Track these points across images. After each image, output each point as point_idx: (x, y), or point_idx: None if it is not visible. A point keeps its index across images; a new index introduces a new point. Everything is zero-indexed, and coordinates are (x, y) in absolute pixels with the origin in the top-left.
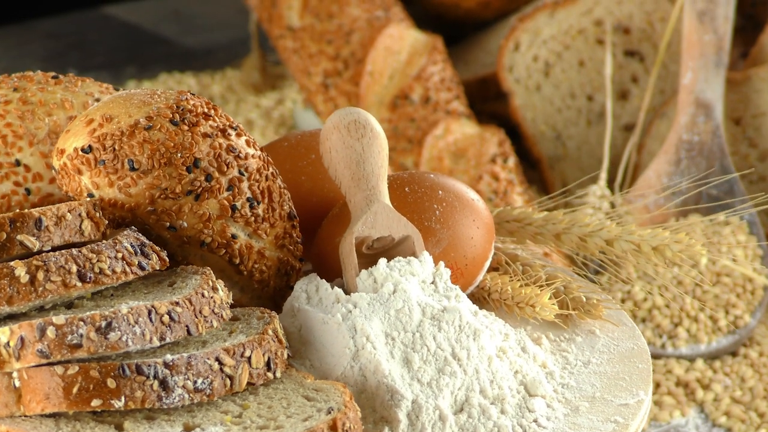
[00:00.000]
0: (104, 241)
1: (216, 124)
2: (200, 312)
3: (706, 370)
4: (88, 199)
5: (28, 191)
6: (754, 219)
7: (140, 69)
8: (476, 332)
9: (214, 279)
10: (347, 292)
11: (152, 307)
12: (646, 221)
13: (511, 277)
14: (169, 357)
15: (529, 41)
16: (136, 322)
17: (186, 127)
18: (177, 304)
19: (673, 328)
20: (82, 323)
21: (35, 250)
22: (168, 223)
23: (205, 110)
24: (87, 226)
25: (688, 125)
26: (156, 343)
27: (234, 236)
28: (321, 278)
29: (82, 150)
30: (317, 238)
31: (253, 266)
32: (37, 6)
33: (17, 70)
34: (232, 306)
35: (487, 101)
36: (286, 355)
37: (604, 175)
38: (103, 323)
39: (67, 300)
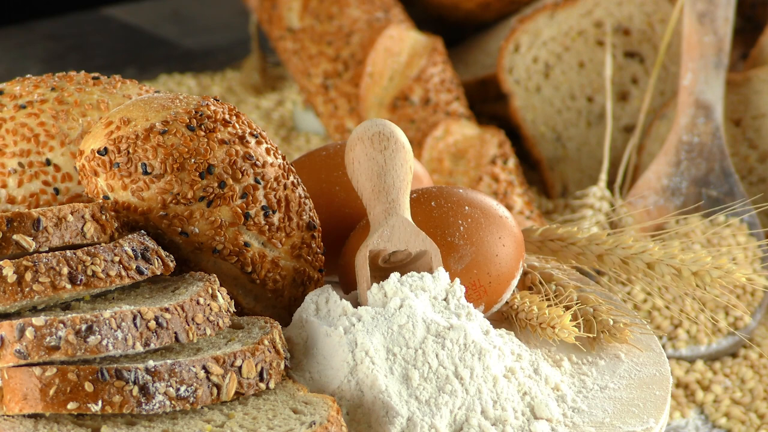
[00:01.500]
0: (103, 244)
1: (235, 131)
2: (192, 319)
3: (706, 372)
4: (101, 201)
5: (57, 191)
6: (754, 220)
7: (140, 70)
8: (482, 351)
9: (216, 286)
10: (359, 305)
11: (138, 312)
12: (646, 222)
13: (541, 297)
14: (151, 363)
15: (529, 43)
16: (119, 327)
17: (202, 133)
18: (166, 310)
19: (673, 329)
20: (61, 325)
21: (31, 250)
22: (180, 228)
23: (226, 117)
24: (90, 228)
25: (688, 126)
26: (140, 348)
27: (247, 244)
28: (344, 289)
29: (98, 152)
30: (344, 249)
31: (267, 275)
32: (38, 7)
33: (18, 71)
34: (240, 314)
35: (487, 102)
36: (283, 366)
37: (604, 177)
38: (84, 326)
39: (64, 301)
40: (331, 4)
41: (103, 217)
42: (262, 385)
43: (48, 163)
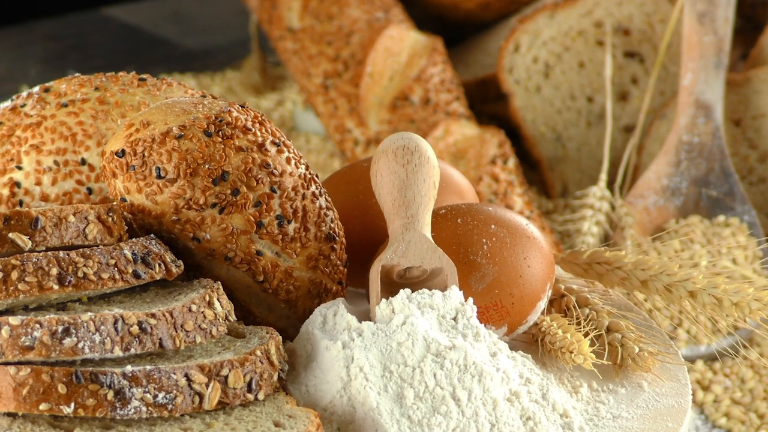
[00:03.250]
0: (101, 247)
1: (254, 139)
2: (182, 326)
3: (706, 372)
4: (119, 202)
5: (90, 191)
6: (754, 220)
7: (140, 70)
8: (482, 373)
9: (215, 294)
10: (365, 320)
11: (120, 316)
12: (646, 223)
13: (570, 321)
14: (129, 368)
15: (529, 43)
16: (97, 330)
17: (219, 139)
18: (153, 315)
19: (672, 329)
20: (37, 326)
21: (26, 249)
22: (192, 234)
23: (247, 124)
24: (93, 230)
25: (688, 126)
26: (119, 353)
27: (259, 253)
28: (370, 303)
29: (116, 154)
30: (371, 262)
31: (279, 285)
32: (37, 7)
33: (17, 71)
34: (253, 323)
35: (487, 102)
36: (276, 378)
37: (604, 177)
38: (60, 328)
39: (60, 301)
40: (331, 4)
41: (110, 219)
42: (250, 396)
43: (83, 162)
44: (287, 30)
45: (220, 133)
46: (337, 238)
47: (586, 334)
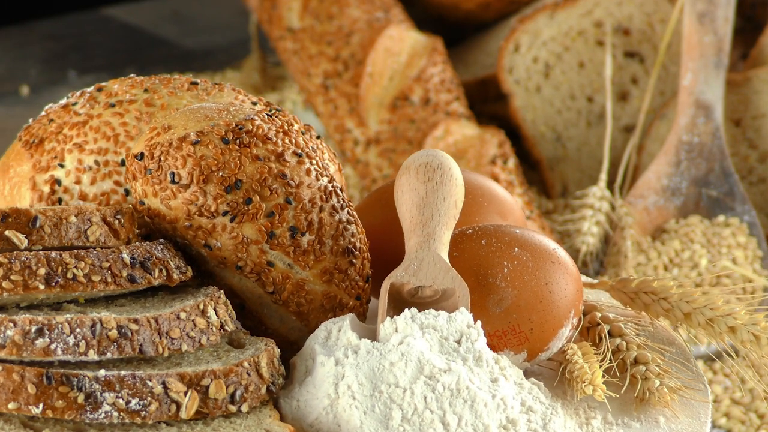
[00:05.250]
0: (98, 249)
1: (274, 149)
2: (167, 333)
3: (706, 372)
4: (126, 205)
5: (128, 192)
6: (754, 221)
7: (140, 70)
8: (475, 399)
9: (210, 303)
10: (374, 338)
11: (98, 320)
12: (646, 223)
13: (596, 350)
14: (102, 372)
15: (529, 43)
16: (72, 332)
17: (236, 147)
18: (135, 321)
19: (672, 329)
20: (11, 325)
21: (22, 247)
22: (203, 241)
23: (269, 134)
24: (95, 231)
25: (688, 126)
26: (93, 356)
27: (270, 263)
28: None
29: (136, 156)
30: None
31: (289, 297)
32: (37, 7)
33: (17, 71)
34: (264, 335)
35: (487, 102)
36: (264, 391)
37: (604, 177)
38: (33, 328)
39: (56, 301)
40: (331, 4)
41: (116, 222)
42: (232, 408)
43: (123, 163)
44: (287, 30)
45: (237, 141)
46: (356, 252)
47: (608, 366)
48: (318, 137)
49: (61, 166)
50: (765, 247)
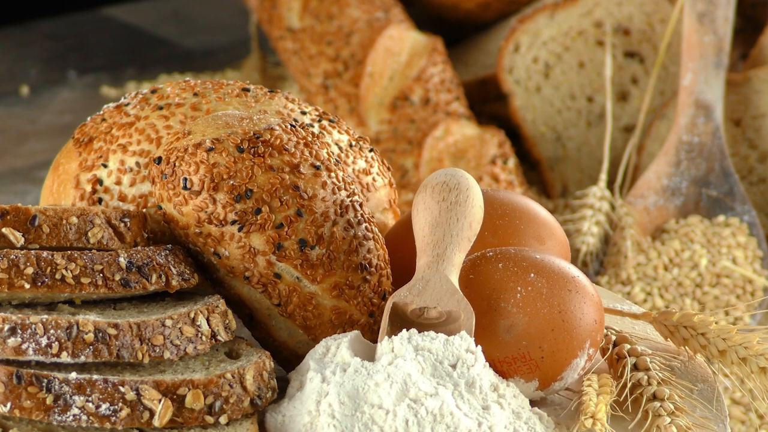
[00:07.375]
0: (94, 251)
1: (290, 160)
2: (149, 340)
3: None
4: (134, 209)
5: None
6: (754, 220)
7: (140, 70)
8: (458, 425)
9: (203, 311)
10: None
11: (75, 322)
12: (646, 223)
13: (613, 384)
14: (73, 375)
15: (529, 43)
16: (44, 334)
17: (249, 156)
18: (115, 326)
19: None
20: None
21: (18, 245)
22: (213, 249)
23: (287, 144)
24: (97, 233)
25: (688, 126)
26: (66, 358)
27: (278, 275)
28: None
29: (155, 161)
30: None
31: (295, 310)
32: (37, 7)
33: (17, 71)
34: (265, 347)
35: (487, 102)
36: (247, 404)
37: (604, 177)
38: (6, 326)
39: (53, 301)
40: (331, 4)
41: (122, 225)
42: (209, 419)
43: None
44: (287, 30)
45: (252, 150)
46: (371, 269)
47: (623, 400)
48: (371, 150)
49: (105, 166)
50: (765, 247)
